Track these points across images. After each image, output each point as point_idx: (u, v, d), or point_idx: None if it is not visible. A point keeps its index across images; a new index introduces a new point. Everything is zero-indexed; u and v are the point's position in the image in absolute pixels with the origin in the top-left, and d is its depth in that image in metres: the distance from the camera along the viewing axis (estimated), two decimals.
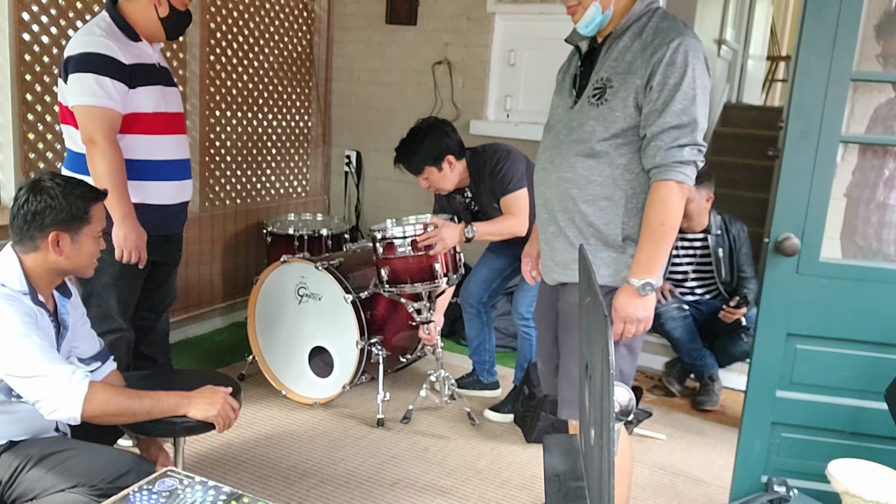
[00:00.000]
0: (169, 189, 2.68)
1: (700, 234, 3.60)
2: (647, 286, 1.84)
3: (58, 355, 1.83)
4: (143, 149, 2.57)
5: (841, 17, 1.85)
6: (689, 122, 1.78)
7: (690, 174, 1.82)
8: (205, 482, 1.61)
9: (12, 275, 1.82)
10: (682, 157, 1.79)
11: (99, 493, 1.74)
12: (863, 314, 1.98)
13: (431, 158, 3.00)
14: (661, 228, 1.82)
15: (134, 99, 2.51)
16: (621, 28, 1.88)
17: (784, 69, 7.68)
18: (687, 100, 1.78)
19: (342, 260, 3.24)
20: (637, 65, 1.83)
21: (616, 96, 1.85)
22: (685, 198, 1.84)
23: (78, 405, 1.75)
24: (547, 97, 2.22)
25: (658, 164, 1.81)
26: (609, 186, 1.89)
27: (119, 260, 2.52)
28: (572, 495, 1.31)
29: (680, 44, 1.78)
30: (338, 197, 4.83)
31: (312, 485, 2.64)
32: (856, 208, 2.24)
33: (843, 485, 1.71)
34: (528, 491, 2.68)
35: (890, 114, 2.16)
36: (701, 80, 1.80)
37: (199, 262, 4.00)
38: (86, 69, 2.40)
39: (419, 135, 3.02)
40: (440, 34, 4.28)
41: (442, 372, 3.14)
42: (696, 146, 1.81)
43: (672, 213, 1.82)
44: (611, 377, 0.98)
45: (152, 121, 2.57)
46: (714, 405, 3.46)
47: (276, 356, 3.33)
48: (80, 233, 1.87)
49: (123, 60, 2.46)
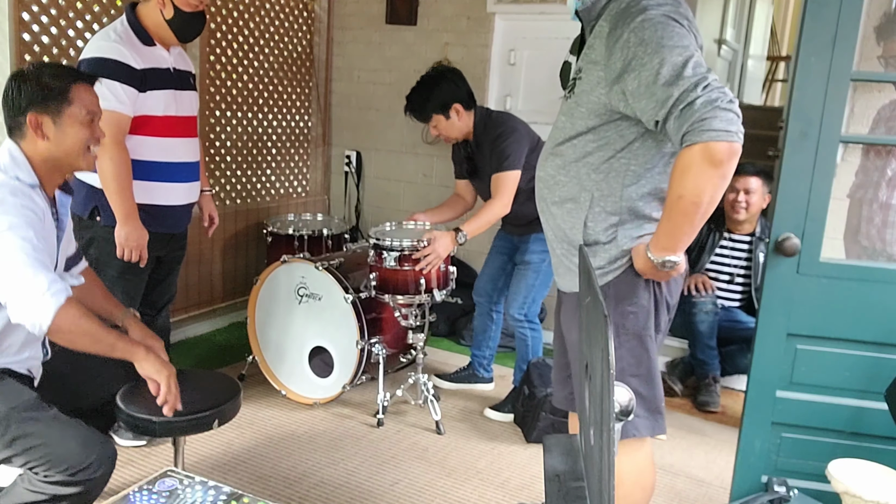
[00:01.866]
0: (178, 190, 2.74)
1: (747, 237, 3.60)
2: (667, 263, 1.66)
3: (47, 263, 1.79)
4: (153, 150, 2.63)
5: (841, 17, 1.85)
6: (686, 85, 1.53)
7: (723, 126, 1.49)
8: (205, 482, 1.61)
9: (22, 166, 1.84)
10: (697, 115, 1.50)
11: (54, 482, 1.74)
12: (863, 314, 1.98)
13: (440, 106, 3.03)
14: (680, 203, 1.58)
15: (145, 102, 2.57)
16: (598, 10, 1.72)
17: (784, 69, 7.67)
18: (674, 71, 1.54)
19: (342, 260, 3.24)
20: (600, 53, 1.66)
21: (581, 90, 1.72)
22: (724, 164, 1.51)
23: (49, 314, 1.71)
24: (547, 97, 2.21)
25: (681, 140, 1.55)
26: (574, 187, 1.77)
27: (119, 258, 2.57)
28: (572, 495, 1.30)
29: (643, 21, 1.59)
30: (338, 197, 4.82)
31: (312, 485, 2.64)
32: (859, 209, 2.24)
33: (843, 485, 1.70)
34: (528, 491, 2.68)
35: (893, 115, 2.16)
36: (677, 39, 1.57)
37: (199, 262, 3.99)
38: (100, 74, 2.44)
39: (429, 83, 3.05)
40: (440, 34, 4.28)
41: (421, 376, 3.16)
42: (707, 92, 1.51)
43: (693, 183, 1.54)
44: (611, 377, 0.98)
45: (163, 124, 2.64)
46: (717, 406, 3.46)
47: (276, 356, 3.33)
48: (62, 114, 1.87)
49: (135, 65, 2.53)
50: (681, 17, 1.63)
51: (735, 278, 3.65)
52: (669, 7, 1.63)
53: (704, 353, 3.54)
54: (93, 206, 2.64)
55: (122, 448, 2.79)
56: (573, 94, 1.76)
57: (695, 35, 1.66)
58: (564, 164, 1.78)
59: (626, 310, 1.79)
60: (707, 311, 3.50)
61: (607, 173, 1.74)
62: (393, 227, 3.22)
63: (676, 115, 1.54)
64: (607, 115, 1.70)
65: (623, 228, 1.77)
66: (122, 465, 2.67)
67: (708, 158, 1.52)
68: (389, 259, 2.95)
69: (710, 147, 1.50)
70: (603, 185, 1.74)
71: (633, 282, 1.78)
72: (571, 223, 1.79)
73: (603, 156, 1.73)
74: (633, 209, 1.75)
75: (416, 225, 3.25)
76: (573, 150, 1.77)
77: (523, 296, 3.18)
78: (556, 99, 3.91)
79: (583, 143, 1.74)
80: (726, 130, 1.50)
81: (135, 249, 2.57)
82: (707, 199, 1.57)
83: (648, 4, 1.62)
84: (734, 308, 3.66)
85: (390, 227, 3.22)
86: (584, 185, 1.76)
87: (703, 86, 1.52)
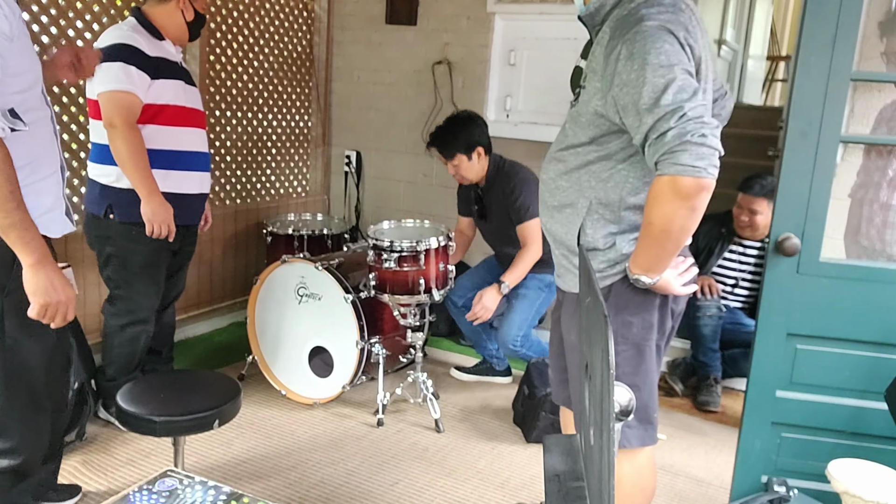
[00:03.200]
0: (194, 179, 2.81)
1: (758, 243, 3.59)
2: (638, 282, 1.69)
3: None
4: (168, 139, 2.69)
5: (841, 17, 1.85)
6: (663, 112, 1.51)
7: (690, 161, 1.48)
8: (205, 482, 1.61)
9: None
10: (667, 146, 1.50)
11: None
12: (863, 314, 1.98)
13: (466, 146, 3.19)
14: (651, 229, 1.59)
15: (157, 90, 2.63)
16: (602, 17, 1.69)
17: (784, 69, 7.68)
18: (654, 92, 1.52)
19: (342, 260, 3.24)
20: (599, 62, 1.63)
21: (583, 99, 1.71)
22: (692, 197, 1.50)
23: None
24: (547, 97, 2.21)
25: (655, 168, 1.56)
26: (574, 193, 1.76)
27: (150, 236, 2.63)
28: (572, 495, 1.30)
29: (636, 33, 1.55)
30: (338, 197, 4.82)
31: (312, 485, 2.64)
32: (860, 209, 2.24)
33: (843, 485, 1.70)
34: (528, 491, 2.68)
35: (895, 115, 2.16)
36: (664, 58, 1.53)
37: (200, 262, 3.99)
38: (113, 58, 2.54)
39: (458, 123, 3.23)
40: (440, 34, 4.28)
41: (420, 375, 3.17)
42: (682, 124, 1.49)
43: (661, 212, 1.55)
44: (611, 377, 0.98)
45: (176, 113, 2.70)
46: (717, 406, 3.46)
47: (276, 356, 3.33)
48: None
49: (148, 52, 2.59)
50: (679, 27, 1.59)
51: (740, 282, 3.65)
52: (668, 15, 1.59)
53: (707, 356, 3.53)
54: (107, 205, 2.67)
55: (122, 448, 2.79)
56: (577, 101, 1.76)
57: (691, 47, 1.61)
58: (566, 170, 1.78)
59: (627, 319, 1.77)
60: (711, 315, 3.50)
61: (607, 182, 1.73)
62: (392, 226, 3.24)
63: (651, 143, 1.54)
64: (606, 125, 1.69)
65: (622, 236, 1.76)
66: (122, 465, 2.67)
67: (675, 191, 1.51)
68: (389, 260, 2.96)
69: (677, 181, 1.50)
70: (602, 194, 1.74)
71: (634, 289, 1.75)
72: (567, 228, 1.79)
73: (605, 165, 1.73)
74: (632, 221, 1.74)
75: (414, 223, 3.29)
76: (575, 157, 1.76)
77: (517, 326, 3.27)
78: (555, 99, 3.92)
79: (585, 152, 1.74)
80: (693, 166, 1.48)
81: (162, 224, 2.62)
82: (677, 229, 1.57)
83: (647, 13, 1.58)
84: (737, 309, 3.65)
85: (389, 226, 3.23)
86: (583, 192, 1.75)
87: (678, 116, 1.50)
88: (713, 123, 1.52)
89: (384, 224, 3.24)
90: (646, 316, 1.78)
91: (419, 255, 2.96)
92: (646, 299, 1.77)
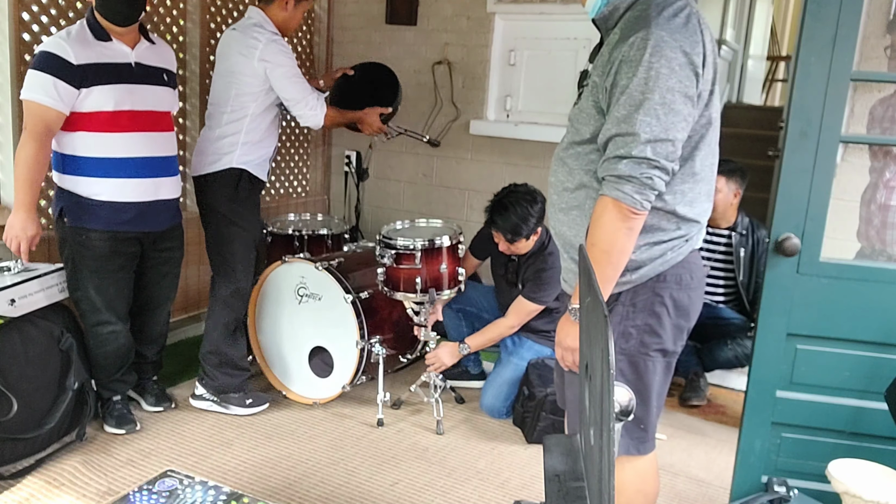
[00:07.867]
0: (130, 186, 2.70)
1: (725, 231, 3.58)
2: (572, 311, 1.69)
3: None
4: (100, 146, 2.63)
5: (841, 17, 1.85)
6: (629, 132, 1.55)
7: (631, 192, 1.56)
8: (205, 482, 1.61)
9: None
10: (617, 171, 1.57)
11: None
12: (863, 314, 1.98)
13: (528, 232, 3.01)
14: (592, 251, 1.60)
15: (85, 99, 2.57)
16: (616, 19, 1.68)
17: (784, 69, 7.68)
18: (631, 105, 1.54)
19: (342, 260, 3.24)
20: (604, 59, 1.64)
21: (585, 94, 1.71)
22: (629, 220, 1.59)
23: None
24: (547, 97, 2.21)
25: (601, 177, 1.62)
26: (580, 195, 1.75)
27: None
28: (572, 495, 1.30)
29: (644, 37, 1.54)
30: (338, 197, 4.82)
31: (312, 485, 2.64)
32: (868, 209, 2.24)
33: (843, 485, 1.71)
34: (528, 491, 2.68)
35: (885, 115, 2.17)
36: (662, 82, 1.53)
37: (199, 262, 3.98)
38: (36, 66, 2.53)
39: (524, 205, 2.98)
40: (440, 34, 4.28)
41: (433, 374, 3.18)
42: (639, 160, 1.55)
43: (604, 233, 1.60)
44: (611, 377, 0.98)
45: (114, 118, 2.62)
46: (702, 400, 3.45)
47: (276, 356, 3.33)
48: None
49: (72, 61, 2.52)
50: (686, 40, 1.56)
51: (709, 271, 3.62)
52: (679, 21, 1.57)
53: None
54: (60, 207, 2.68)
55: (122, 448, 2.79)
56: (580, 99, 1.76)
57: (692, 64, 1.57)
58: (571, 172, 1.77)
59: (628, 330, 1.75)
60: None
61: None
62: (406, 226, 3.29)
63: (606, 158, 1.61)
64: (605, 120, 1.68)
65: None
66: (121, 465, 2.67)
67: (618, 211, 1.59)
68: (410, 257, 3.00)
69: (619, 204, 1.59)
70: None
71: (639, 303, 1.74)
72: (575, 231, 1.78)
73: None
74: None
75: (427, 223, 3.33)
76: (577, 158, 1.75)
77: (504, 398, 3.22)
78: (555, 99, 3.92)
79: (586, 152, 1.72)
80: (632, 196, 1.58)
81: (13, 239, 2.56)
82: (617, 251, 1.62)
83: (658, 21, 1.56)
84: (718, 304, 3.63)
85: (402, 225, 3.29)
86: (589, 193, 1.74)
87: (638, 148, 1.55)
88: (668, 168, 1.58)
89: (397, 224, 3.29)
90: (644, 326, 1.75)
91: (434, 251, 3.02)
92: (648, 312, 1.74)
